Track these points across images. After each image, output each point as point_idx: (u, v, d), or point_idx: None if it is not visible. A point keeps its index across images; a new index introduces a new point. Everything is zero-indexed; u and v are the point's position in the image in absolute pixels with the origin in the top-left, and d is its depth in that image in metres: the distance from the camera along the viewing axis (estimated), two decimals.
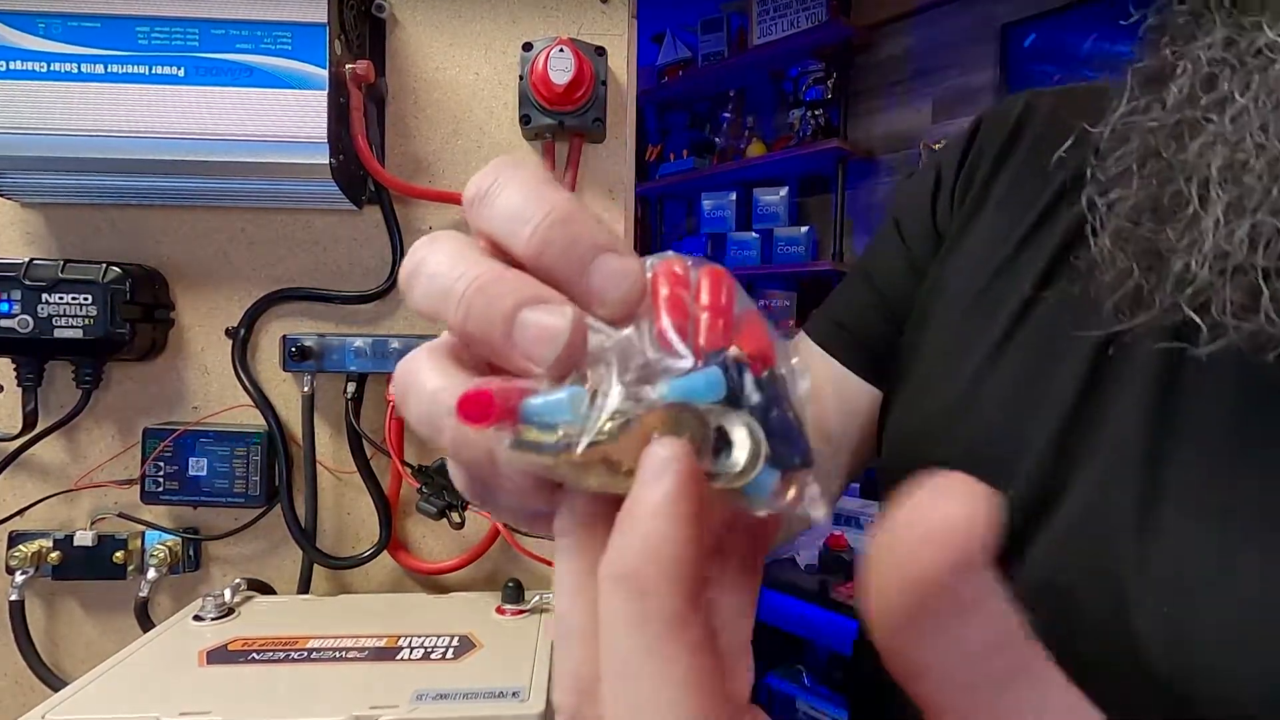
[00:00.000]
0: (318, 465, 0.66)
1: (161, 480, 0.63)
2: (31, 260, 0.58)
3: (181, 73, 0.55)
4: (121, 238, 0.65)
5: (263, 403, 0.65)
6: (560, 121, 0.64)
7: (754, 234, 2.62)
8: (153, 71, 0.55)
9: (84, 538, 0.63)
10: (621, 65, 0.69)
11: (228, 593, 0.58)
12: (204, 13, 0.55)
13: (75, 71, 0.54)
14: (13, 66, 0.54)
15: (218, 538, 0.66)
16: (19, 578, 0.61)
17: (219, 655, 0.50)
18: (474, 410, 0.14)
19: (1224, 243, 0.25)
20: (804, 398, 0.15)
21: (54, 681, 0.63)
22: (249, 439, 0.64)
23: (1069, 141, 0.36)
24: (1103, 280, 0.31)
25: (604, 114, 0.66)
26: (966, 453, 0.39)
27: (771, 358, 0.15)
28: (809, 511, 0.15)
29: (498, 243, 0.17)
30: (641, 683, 0.14)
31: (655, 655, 0.14)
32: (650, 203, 3.17)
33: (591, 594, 0.15)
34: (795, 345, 0.48)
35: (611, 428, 0.14)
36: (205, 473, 0.63)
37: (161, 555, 0.63)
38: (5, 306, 0.57)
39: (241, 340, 0.66)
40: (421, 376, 0.17)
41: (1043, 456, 0.35)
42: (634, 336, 0.15)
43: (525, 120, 0.66)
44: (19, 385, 0.61)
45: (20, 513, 0.65)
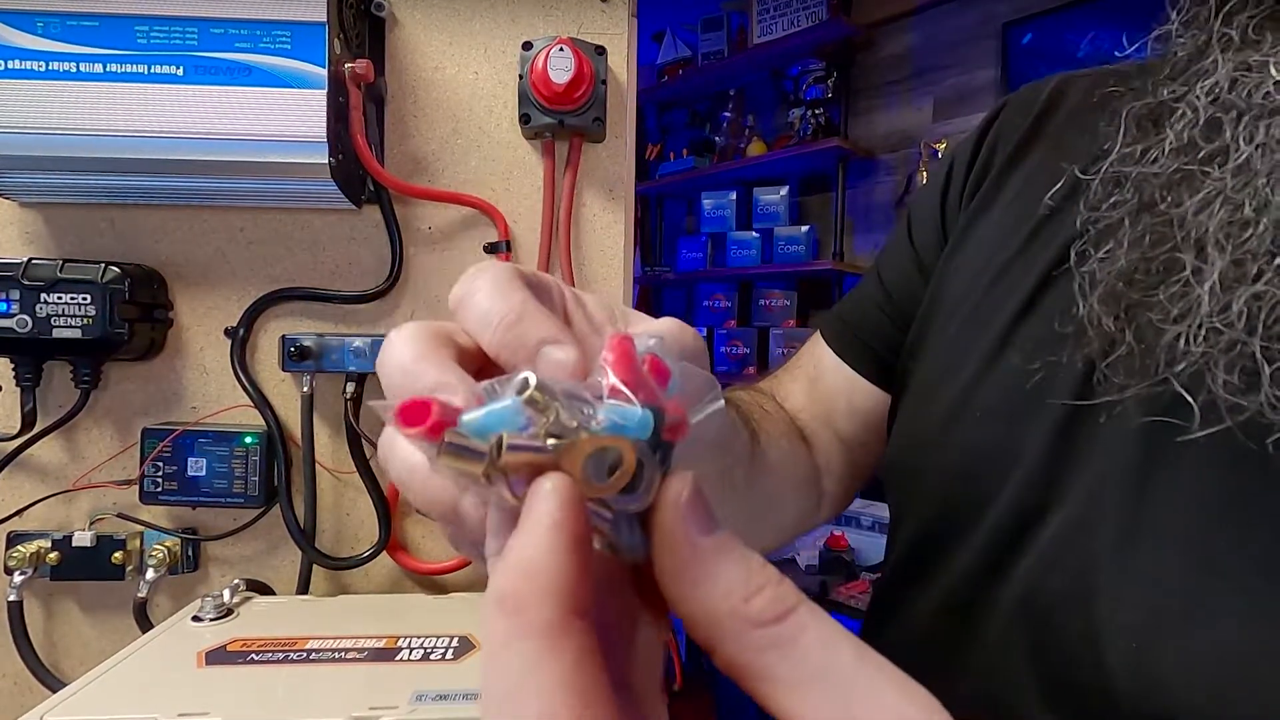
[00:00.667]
0: (317, 465, 0.65)
1: (160, 480, 0.63)
2: (30, 260, 0.58)
3: (180, 72, 0.55)
4: (120, 237, 0.65)
5: (262, 403, 0.65)
6: (560, 121, 0.64)
7: (754, 233, 2.61)
8: (152, 71, 0.55)
9: (82, 538, 0.63)
10: (621, 64, 0.69)
11: (226, 593, 0.58)
12: (203, 12, 0.55)
13: (74, 71, 0.54)
14: (11, 66, 0.54)
15: (216, 538, 0.66)
16: (17, 578, 0.61)
17: (218, 656, 0.50)
18: (411, 416, 0.15)
19: (1219, 315, 0.23)
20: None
21: (52, 682, 0.63)
22: (248, 439, 0.63)
23: (1059, 185, 0.34)
24: (1091, 345, 0.29)
25: (604, 113, 0.66)
26: (960, 460, 0.38)
27: (685, 429, 0.17)
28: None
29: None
30: (521, 701, 0.13)
31: (532, 668, 0.14)
32: (650, 202, 3.17)
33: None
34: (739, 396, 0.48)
35: (553, 444, 0.15)
36: (204, 473, 0.63)
37: (160, 556, 0.63)
38: (4, 306, 0.57)
39: (240, 340, 0.65)
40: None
41: (1033, 469, 0.34)
42: (583, 386, 0.16)
43: (525, 119, 0.65)
44: (17, 385, 0.61)
45: (19, 513, 0.64)
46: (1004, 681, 0.33)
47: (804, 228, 2.51)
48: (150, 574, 0.63)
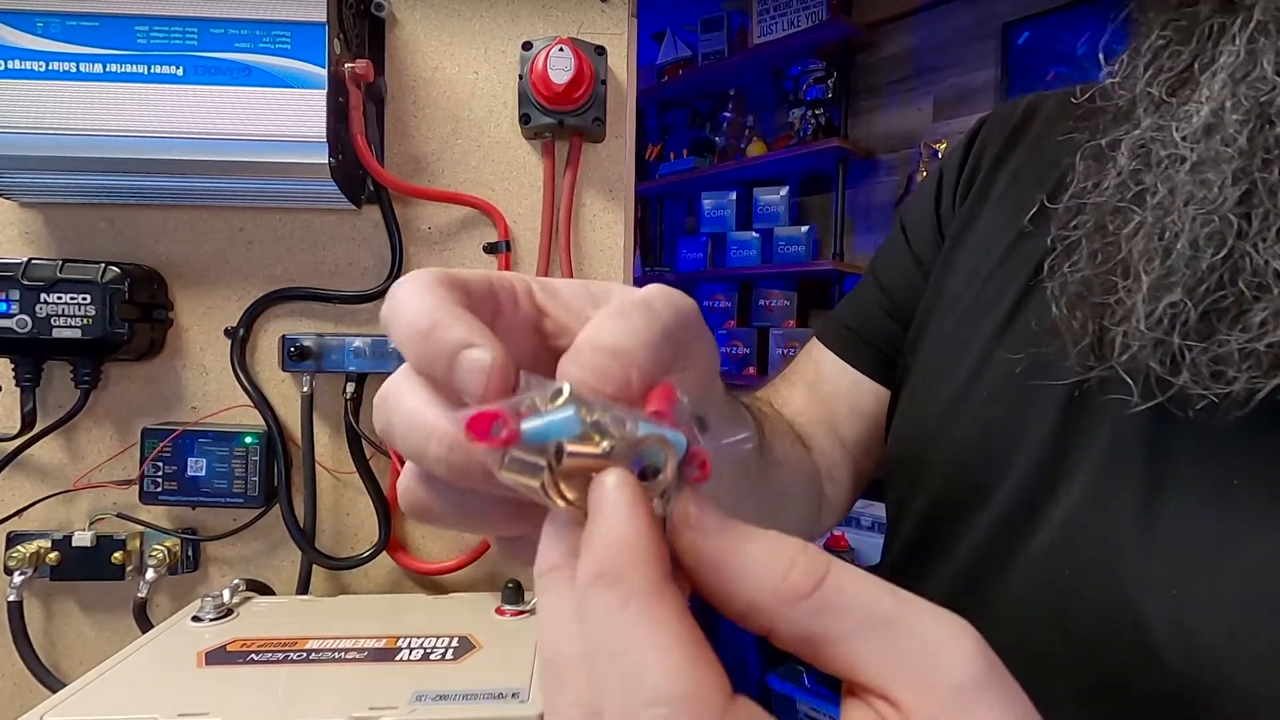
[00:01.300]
0: (317, 465, 0.65)
1: (160, 480, 0.63)
2: (30, 260, 0.58)
3: (180, 72, 0.55)
4: (120, 237, 0.65)
5: (261, 403, 0.65)
6: (560, 121, 0.64)
7: (754, 233, 2.61)
8: (151, 71, 0.55)
9: (82, 538, 0.63)
10: (621, 64, 0.69)
11: (226, 593, 0.58)
12: (203, 12, 0.55)
13: (74, 71, 0.54)
14: (11, 66, 0.54)
15: (216, 538, 0.66)
16: (17, 578, 0.61)
17: (218, 656, 0.50)
18: (479, 428, 0.16)
19: (1147, 320, 0.30)
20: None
21: (52, 682, 0.63)
22: (248, 439, 0.63)
23: (1034, 209, 0.40)
24: (1066, 338, 0.35)
25: (604, 113, 0.66)
26: (962, 450, 0.40)
27: (707, 470, 0.19)
28: None
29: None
30: (632, 656, 0.15)
31: (641, 625, 0.15)
32: (650, 202, 3.17)
33: None
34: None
35: (608, 446, 0.17)
36: (204, 473, 0.63)
37: (160, 556, 0.63)
38: (3, 306, 0.57)
39: (240, 340, 0.65)
40: (404, 402, 0.19)
41: (1039, 452, 0.36)
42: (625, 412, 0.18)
43: (525, 119, 0.65)
44: (17, 385, 0.61)
45: (19, 513, 0.64)
46: (1021, 656, 0.34)
47: (804, 228, 2.51)
48: (150, 574, 0.63)
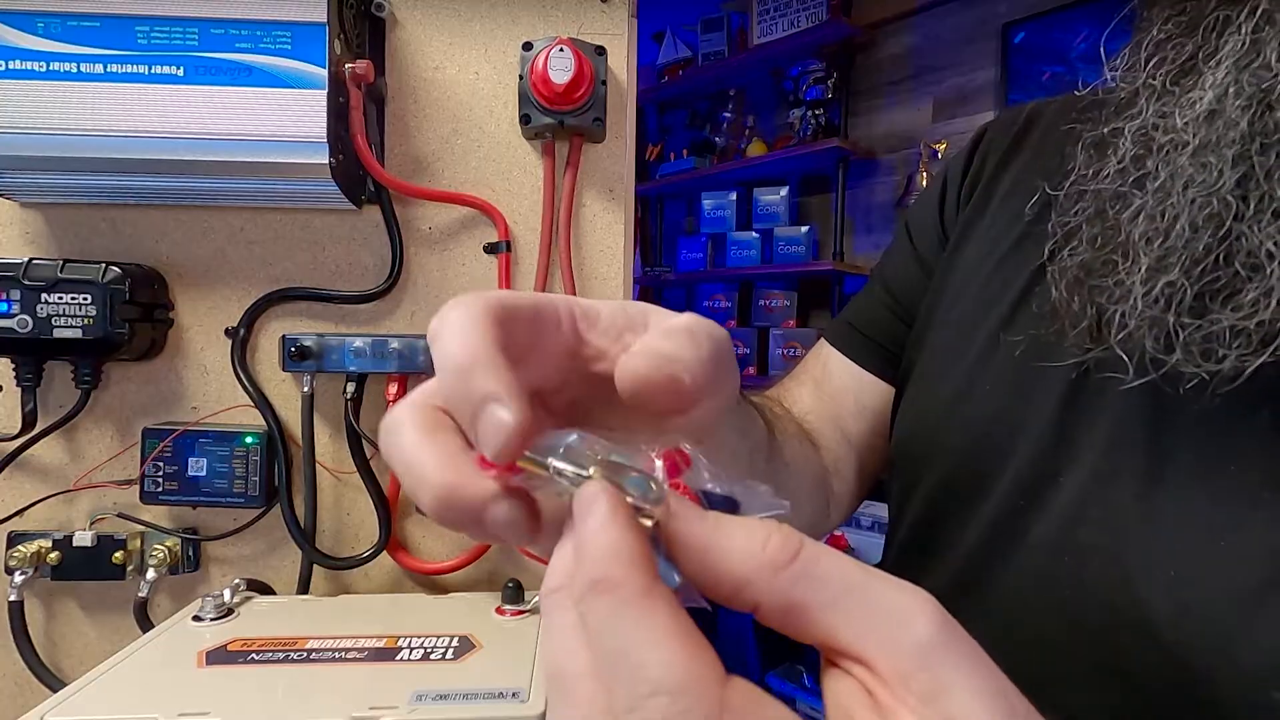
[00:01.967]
0: (317, 465, 0.65)
1: (161, 480, 0.63)
2: (31, 260, 0.58)
3: (181, 72, 0.55)
4: (121, 237, 0.65)
5: (262, 403, 0.65)
6: (560, 121, 0.64)
7: (754, 233, 2.61)
8: (152, 71, 0.55)
9: (83, 538, 0.63)
10: (621, 65, 0.69)
11: (227, 593, 0.58)
12: (203, 12, 0.55)
13: (75, 71, 0.54)
14: (12, 66, 0.54)
15: (217, 538, 0.66)
16: (18, 578, 0.61)
17: (218, 656, 0.50)
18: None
19: (1144, 299, 0.31)
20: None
21: (53, 682, 0.63)
22: (248, 439, 0.63)
23: (1036, 197, 0.41)
24: (1063, 320, 0.36)
25: (604, 113, 0.66)
26: (966, 438, 0.41)
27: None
28: None
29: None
30: (632, 654, 0.16)
31: (639, 625, 0.16)
32: (650, 202, 3.17)
33: None
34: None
35: (591, 470, 0.19)
36: (204, 473, 0.63)
37: (161, 556, 0.63)
38: (4, 306, 0.57)
39: (241, 340, 0.66)
40: (404, 438, 0.21)
41: (1041, 438, 0.37)
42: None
43: (525, 120, 0.65)
44: (18, 385, 0.61)
45: (19, 513, 0.65)
46: (1025, 639, 0.36)
47: (804, 228, 2.51)
48: (151, 574, 0.63)
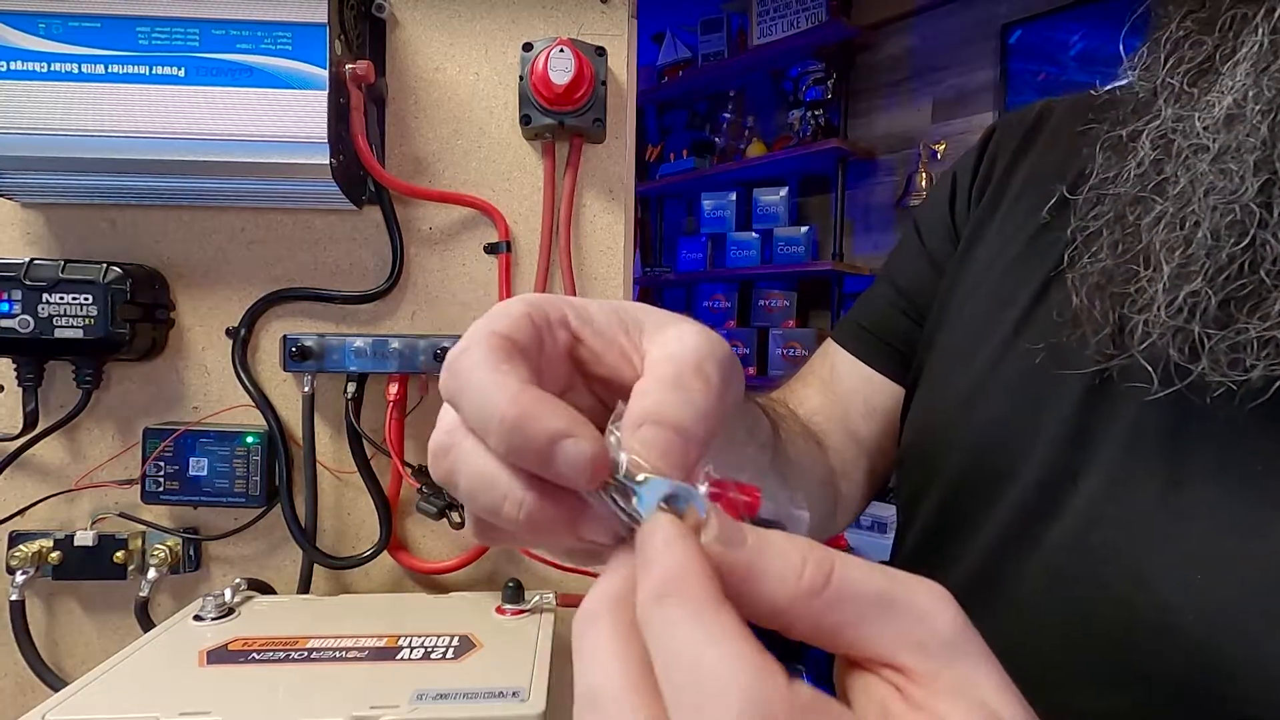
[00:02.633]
0: (318, 465, 0.66)
1: (162, 480, 0.63)
2: (32, 260, 0.58)
3: (182, 73, 0.55)
4: (122, 238, 0.65)
5: (263, 403, 0.65)
6: (560, 121, 0.64)
7: (754, 234, 2.62)
8: (153, 72, 0.55)
9: (84, 538, 0.63)
10: (621, 65, 0.69)
11: (228, 593, 0.58)
12: (204, 13, 0.55)
13: (76, 72, 0.54)
14: (13, 67, 0.54)
15: (218, 538, 0.66)
16: (19, 577, 0.61)
17: (219, 655, 0.50)
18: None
19: (1167, 308, 0.30)
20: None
21: (54, 681, 0.63)
22: (249, 439, 0.64)
23: (1054, 200, 0.41)
24: (1085, 328, 0.35)
25: (604, 114, 0.67)
26: (981, 439, 0.40)
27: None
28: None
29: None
30: (707, 666, 0.16)
31: (715, 638, 0.16)
32: (650, 203, 3.17)
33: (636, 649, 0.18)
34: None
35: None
36: (205, 473, 0.63)
37: (162, 555, 0.64)
38: (6, 306, 0.57)
39: (242, 340, 0.66)
40: (473, 464, 0.21)
41: (1057, 440, 0.37)
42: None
43: (525, 120, 0.66)
44: (19, 385, 0.61)
45: (21, 513, 0.65)
46: (1041, 643, 0.36)
47: (803, 228, 2.51)
48: (152, 573, 0.63)
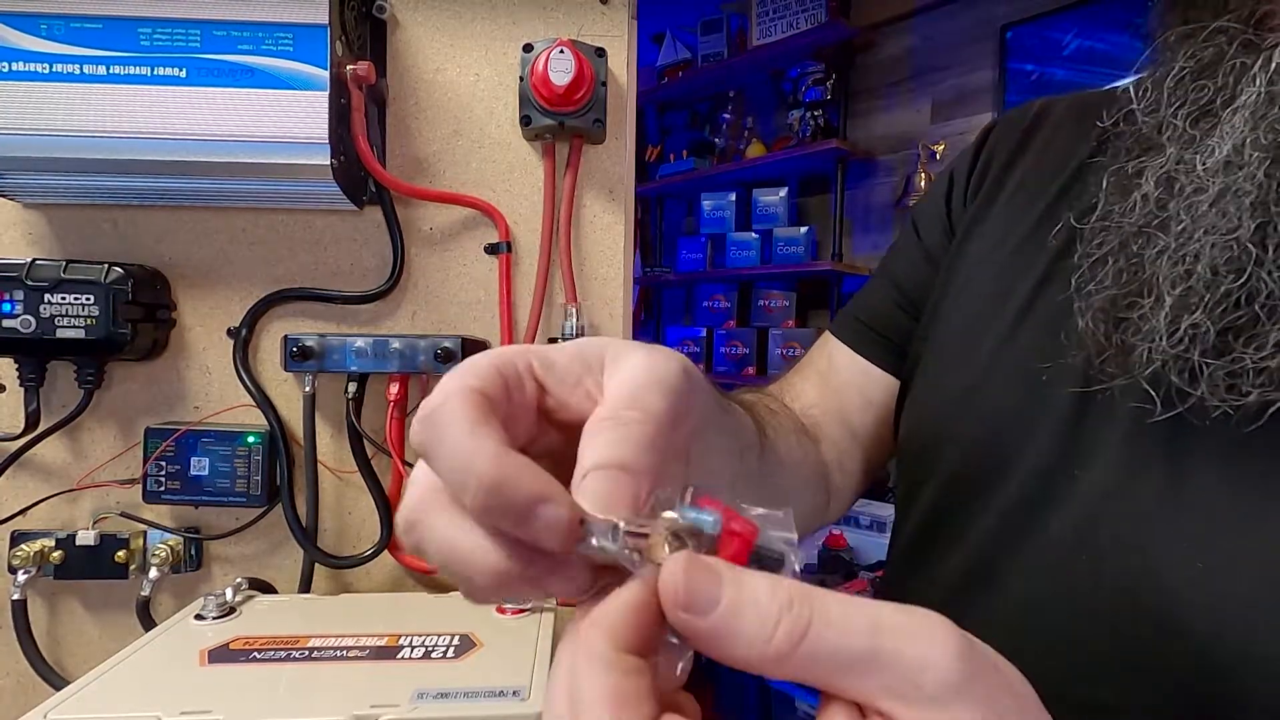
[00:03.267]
0: (319, 465, 0.66)
1: (163, 480, 0.63)
2: (34, 261, 0.58)
3: (183, 74, 0.55)
4: (123, 238, 0.66)
5: (264, 402, 0.65)
6: (560, 122, 0.65)
7: (753, 234, 2.62)
8: (154, 73, 0.55)
9: (86, 537, 0.64)
10: (621, 66, 0.69)
11: (229, 592, 0.58)
12: (205, 14, 0.55)
13: (77, 73, 0.55)
14: (15, 68, 0.54)
15: (219, 537, 0.66)
16: (21, 577, 0.62)
17: (220, 654, 0.50)
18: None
19: (1169, 337, 0.32)
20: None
21: (56, 680, 0.63)
22: (250, 439, 0.64)
23: (1053, 221, 0.42)
24: (1089, 349, 0.37)
25: (604, 115, 0.67)
26: (978, 432, 0.41)
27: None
28: None
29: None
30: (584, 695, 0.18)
31: (597, 675, 0.18)
32: (650, 203, 3.17)
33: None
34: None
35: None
36: (207, 472, 0.63)
37: (163, 555, 0.64)
38: (8, 307, 0.58)
39: (243, 340, 0.66)
40: (440, 533, 0.21)
41: (1055, 433, 0.38)
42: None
43: (526, 121, 0.66)
44: (21, 385, 0.61)
45: (23, 512, 0.65)
46: (1040, 634, 0.36)
47: (803, 228, 2.51)
48: (153, 573, 0.63)
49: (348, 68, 0.58)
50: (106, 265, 0.60)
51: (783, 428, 0.46)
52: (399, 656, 0.50)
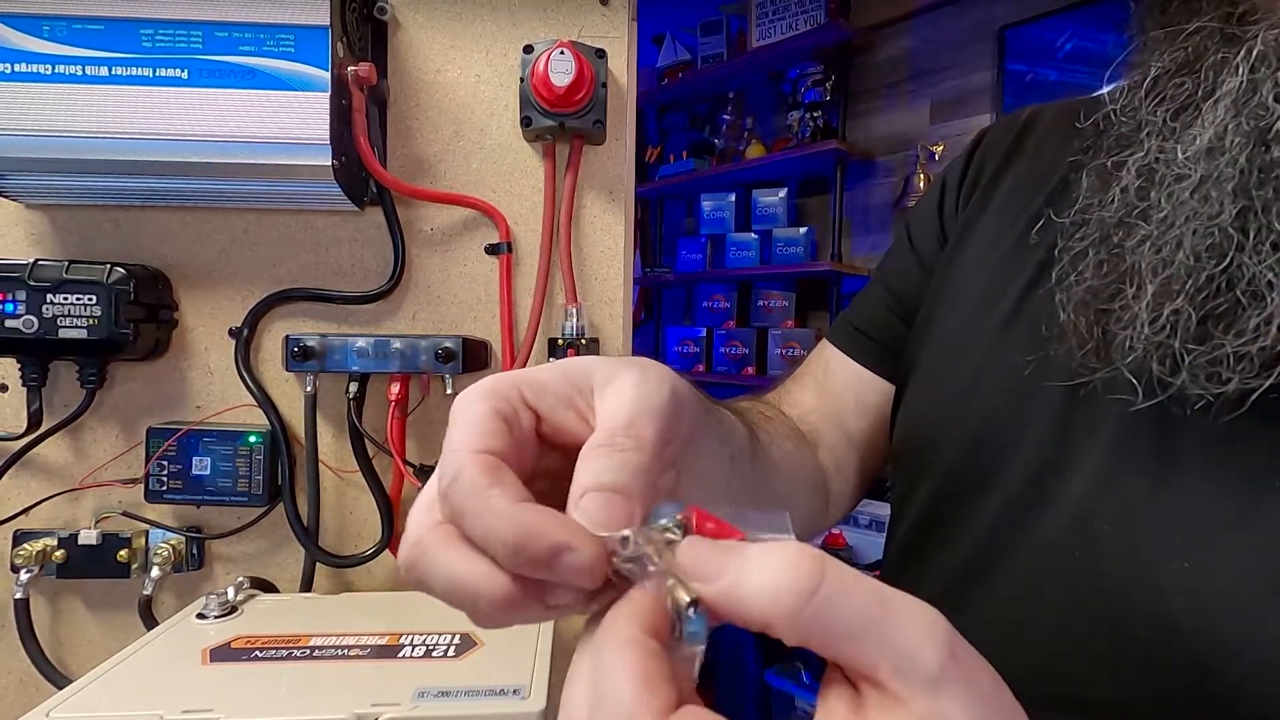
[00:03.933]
0: (320, 464, 0.66)
1: (165, 479, 0.63)
2: (36, 261, 0.59)
3: (185, 75, 0.55)
4: (125, 239, 0.66)
5: (265, 402, 0.66)
6: (561, 123, 0.65)
7: (753, 235, 2.62)
8: (156, 74, 0.55)
9: (88, 536, 0.64)
10: (622, 67, 0.69)
11: (231, 591, 0.58)
12: (207, 15, 0.55)
13: (79, 74, 0.55)
14: (17, 69, 0.54)
15: (221, 536, 0.66)
16: (24, 576, 0.62)
17: (222, 653, 0.50)
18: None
19: (1150, 325, 0.32)
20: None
21: (58, 679, 0.63)
22: (252, 438, 0.64)
23: (1038, 209, 0.42)
24: (1071, 341, 0.37)
25: (604, 116, 0.67)
26: (970, 433, 0.41)
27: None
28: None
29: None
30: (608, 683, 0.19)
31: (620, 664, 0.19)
32: (650, 204, 3.17)
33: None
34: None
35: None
36: (208, 472, 0.64)
37: (165, 554, 0.64)
38: (10, 307, 0.58)
39: (244, 340, 0.66)
40: (442, 564, 0.22)
41: (1046, 434, 0.38)
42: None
43: (526, 122, 0.66)
44: (24, 385, 0.62)
45: (25, 511, 0.65)
46: (1032, 633, 0.37)
47: (802, 229, 2.51)
48: (155, 572, 0.63)
49: (349, 69, 0.59)
50: (109, 266, 0.60)
51: (777, 433, 0.46)
52: (400, 655, 0.50)
